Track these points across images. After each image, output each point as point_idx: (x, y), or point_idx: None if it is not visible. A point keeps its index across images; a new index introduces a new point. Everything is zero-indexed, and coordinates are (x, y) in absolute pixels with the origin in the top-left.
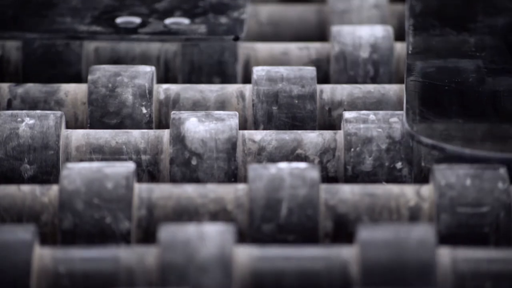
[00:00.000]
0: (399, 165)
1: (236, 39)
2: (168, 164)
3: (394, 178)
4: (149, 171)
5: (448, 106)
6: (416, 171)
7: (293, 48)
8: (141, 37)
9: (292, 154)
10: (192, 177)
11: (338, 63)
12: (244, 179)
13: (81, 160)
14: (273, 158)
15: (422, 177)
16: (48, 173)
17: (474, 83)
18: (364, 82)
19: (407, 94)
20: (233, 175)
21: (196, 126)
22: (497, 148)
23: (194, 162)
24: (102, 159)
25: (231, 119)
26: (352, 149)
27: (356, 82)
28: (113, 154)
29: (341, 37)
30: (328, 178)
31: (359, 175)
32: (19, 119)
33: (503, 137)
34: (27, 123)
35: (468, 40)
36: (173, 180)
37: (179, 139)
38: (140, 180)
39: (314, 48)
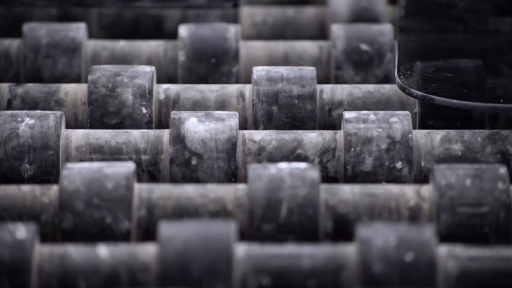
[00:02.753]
0: (399, 165)
1: (235, 6)
2: (168, 164)
3: (394, 178)
4: (149, 171)
5: (437, 62)
6: (416, 171)
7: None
8: (144, 4)
9: (292, 154)
10: (192, 177)
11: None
12: (244, 179)
13: (81, 160)
14: (273, 158)
15: (422, 177)
16: (48, 173)
17: (462, 41)
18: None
19: (399, 51)
20: (233, 175)
21: (196, 126)
22: (483, 99)
23: (194, 162)
24: (102, 159)
25: (231, 119)
26: (352, 149)
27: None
28: (113, 154)
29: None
30: (328, 178)
31: (359, 175)
32: (19, 119)
33: (488, 89)
34: (27, 123)
35: (457, 4)
36: (173, 180)
37: (179, 139)
38: (140, 180)
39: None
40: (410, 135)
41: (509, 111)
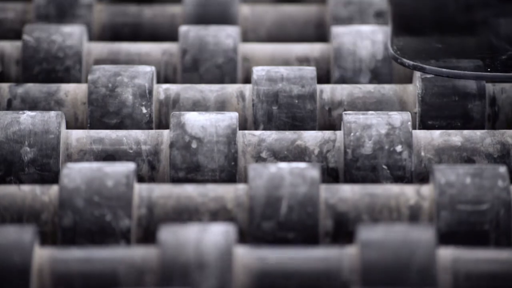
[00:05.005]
0: (399, 148)
1: None
2: (168, 154)
3: (394, 161)
4: (149, 161)
5: (429, 33)
6: (416, 161)
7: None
8: None
9: (292, 145)
10: (192, 161)
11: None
12: (245, 180)
13: (81, 150)
14: (273, 149)
15: (422, 168)
16: (48, 156)
17: (453, 14)
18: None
19: (392, 23)
20: (233, 159)
21: (196, 116)
22: (472, 68)
23: (194, 145)
24: (102, 150)
25: (231, 113)
26: (352, 134)
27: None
28: (113, 145)
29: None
30: (328, 168)
31: (359, 158)
32: (20, 112)
33: (477, 59)
34: (28, 114)
35: None
36: (173, 164)
37: (179, 126)
38: (140, 171)
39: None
40: (409, 123)
41: (495, 79)
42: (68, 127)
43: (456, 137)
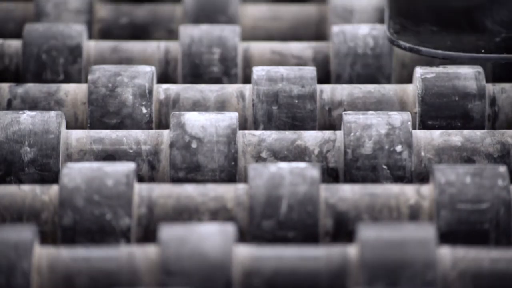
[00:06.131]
0: (399, 148)
1: None
2: (168, 154)
3: (394, 161)
4: (149, 161)
5: (425, 17)
6: (416, 161)
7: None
8: None
9: (292, 145)
10: (192, 161)
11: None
12: (245, 179)
13: (81, 150)
14: (273, 149)
15: (422, 168)
16: (48, 156)
17: None
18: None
19: (389, 6)
20: (233, 159)
21: (197, 116)
22: (466, 49)
23: (194, 145)
24: (102, 150)
25: (231, 113)
26: (352, 134)
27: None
28: (113, 144)
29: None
30: (328, 168)
31: (359, 158)
32: (20, 112)
33: (472, 42)
34: (28, 114)
35: None
36: (173, 164)
37: (179, 126)
38: (140, 170)
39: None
40: (409, 123)
41: (489, 60)
42: (68, 127)
43: (456, 137)
